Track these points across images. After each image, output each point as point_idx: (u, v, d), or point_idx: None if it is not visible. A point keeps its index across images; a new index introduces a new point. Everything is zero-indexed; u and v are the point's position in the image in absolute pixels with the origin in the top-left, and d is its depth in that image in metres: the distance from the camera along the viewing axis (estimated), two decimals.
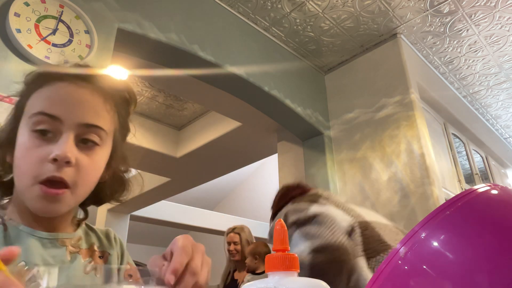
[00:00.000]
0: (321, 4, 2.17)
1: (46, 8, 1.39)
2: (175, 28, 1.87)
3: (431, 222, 0.30)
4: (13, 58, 1.27)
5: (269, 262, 0.37)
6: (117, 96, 0.59)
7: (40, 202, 0.50)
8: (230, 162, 3.86)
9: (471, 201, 0.31)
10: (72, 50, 1.40)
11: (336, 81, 2.72)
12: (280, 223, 0.39)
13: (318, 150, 2.52)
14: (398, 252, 0.30)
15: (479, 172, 3.04)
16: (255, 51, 2.31)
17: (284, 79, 2.43)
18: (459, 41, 2.51)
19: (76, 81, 0.54)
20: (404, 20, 2.32)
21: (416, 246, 0.29)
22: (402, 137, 2.18)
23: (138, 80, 3.11)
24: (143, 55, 1.89)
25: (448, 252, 0.28)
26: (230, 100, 2.46)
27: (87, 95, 0.54)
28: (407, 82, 2.28)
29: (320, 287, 0.36)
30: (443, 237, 0.29)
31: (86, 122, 0.53)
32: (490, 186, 0.33)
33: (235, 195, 8.93)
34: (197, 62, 1.98)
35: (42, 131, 0.51)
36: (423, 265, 0.29)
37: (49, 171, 0.49)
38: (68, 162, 0.50)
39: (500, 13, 2.27)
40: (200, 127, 3.63)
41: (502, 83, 3.00)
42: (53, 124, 0.51)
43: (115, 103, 0.58)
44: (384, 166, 2.20)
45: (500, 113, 3.46)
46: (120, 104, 0.60)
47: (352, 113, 2.50)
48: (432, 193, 1.95)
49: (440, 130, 2.66)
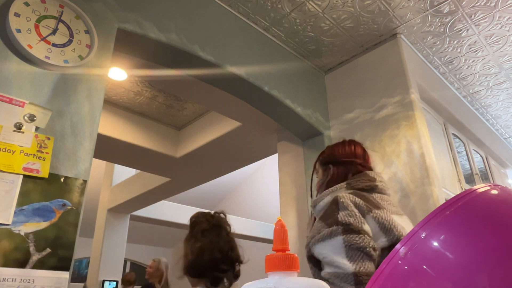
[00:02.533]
0: (321, 4, 2.17)
1: (46, 8, 1.39)
2: (175, 28, 1.87)
3: (431, 222, 0.30)
4: (13, 58, 1.27)
5: (269, 262, 0.37)
6: None
7: None
8: (230, 162, 3.86)
9: (471, 201, 0.31)
10: (72, 50, 1.40)
11: (336, 81, 2.72)
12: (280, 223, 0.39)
13: (318, 150, 2.50)
14: (398, 252, 0.30)
15: (479, 172, 3.04)
16: (255, 51, 2.31)
17: (284, 79, 2.43)
18: (459, 41, 2.51)
19: None
20: (404, 20, 2.31)
21: (416, 246, 0.29)
22: (402, 137, 2.18)
23: (138, 80, 3.11)
24: (143, 55, 1.89)
25: (448, 252, 0.28)
26: (230, 100, 2.46)
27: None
28: (407, 82, 2.28)
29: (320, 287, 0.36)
30: (443, 237, 0.29)
31: None
32: (490, 186, 0.33)
33: (235, 195, 8.93)
34: (197, 62, 1.98)
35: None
36: (423, 265, 0.29)
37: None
38: None
39: (500, 13, 2.27)
40: (200, 127, 3.63)
41: (502, 83, 3.00)
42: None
43: None
44: (384, 166, 2.20)
45: (500, 113, 3.46)
46: None
47: (352, 113, 2.50)
48: (432, 193, 1.95)
49: (440, 130, 2.66)
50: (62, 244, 1.18)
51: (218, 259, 1.19)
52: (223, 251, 1.21)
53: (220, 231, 1.25)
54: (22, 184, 1.15)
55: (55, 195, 1.21)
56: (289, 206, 2.60)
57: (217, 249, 1.20)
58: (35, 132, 1.23)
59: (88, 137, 1.37)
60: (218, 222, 1.28)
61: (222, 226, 1.28)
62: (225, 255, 1.21)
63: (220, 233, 1.25)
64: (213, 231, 1.24)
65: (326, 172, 1.25)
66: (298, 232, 2.47)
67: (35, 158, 1.20)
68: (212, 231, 1.24)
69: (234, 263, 1.22)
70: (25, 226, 1.13)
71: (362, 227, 0.98)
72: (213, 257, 1.18)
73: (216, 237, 1.23)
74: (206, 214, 1.32)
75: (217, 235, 1.23)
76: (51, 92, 1.32)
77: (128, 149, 3.62)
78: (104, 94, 1.48)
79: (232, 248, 1.24)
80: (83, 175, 1.31)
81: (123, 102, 3.46)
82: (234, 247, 1.25)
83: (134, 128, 3.58)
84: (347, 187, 1.12)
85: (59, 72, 1.36)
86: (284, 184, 2.71)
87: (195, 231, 1.26)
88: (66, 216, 1.22)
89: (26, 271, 1.09)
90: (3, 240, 1.08)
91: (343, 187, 1.13)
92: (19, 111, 1.21)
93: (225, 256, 1.20)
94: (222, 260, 1.19)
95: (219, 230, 1.26)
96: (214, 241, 1.21)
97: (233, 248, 1.24)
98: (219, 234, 1.24)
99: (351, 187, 1.12)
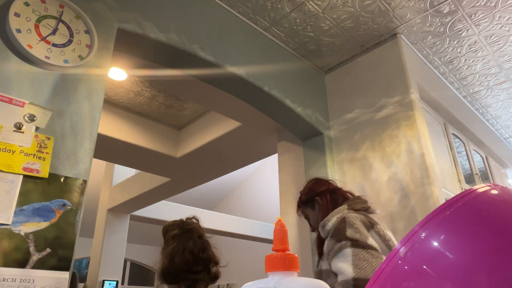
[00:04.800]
0: (321, 4, 2.17)
1: (46, 8, 1.39)
2: (175, 28, 1.87)
3: (431, 222, 0.30)
4: (13, 58, 1.27)
5: (269, 262, 0.37)
6: None
7: None
8: (230, 162, 3.86)
9: (471, 201, 0.31)
10: (72, 50, 1.40)
11: (336, 81, 2.72)
12: (280, 223, 0.39)
13: (318, 150, 2.52)
14: (398, 252, 0.30)
15: (479, 172, 3.04)
16: (255, 51, 2.31)
17: (284, 79, 2.43)
18: (459, 41, 2.51)
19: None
20: (404, 20, 2.32)
21: (416, 246, 0.29)
22: (402, 137, 2.18)
23: (138, 80, 3.11)
24: (143, 55, 1.89)
25: (448, 252, 0.28)
26: (230, 100, 2.46)
27: None
28: (407, 82, 2.28)
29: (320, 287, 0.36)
30: (443, 237, 0.29)
31: None
32: (490, 186, 0.33)
33: (235, 195, 8.93)
34: (197, 62, 1.98)
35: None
36: (423, 265, 0.29)
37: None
38: None
39: (500, 13, 2.27)
40: (200, 127, 3.63)
41: (502, 83, 3.00)
42: None
43: None
44: (384, 166, 2.20)
45: (500, 113, 3.46)
46: None
47: (352, 113, 2.50)
48: (432, 193, 1.95)
49: (440, 130, 2.66)
50: (62, 244, 1.18)
51: (189, 261, 1.20)
52: (194, 252, 1.22)
53: (192, 235, 1.26)
54: (22, 184, 1.15)
55: (55, 195, 1.21)
56: (289, 206, 2.60)
57: (188, 251, 1.21)
58: (35, 132, 1.23)
59: (88, 137, 1.37)
60: (189, 227, 1.30)
61: (193, 230, 1.29)
62: (196, 256, 1.21)
63: (191, 236, 1.26)
64: (184, 235, 1.26)
65: (317, 205, 1.39)
66: (298, 232, 2.47)
67: (35, 158, 1.20)
68: (183, 236, 1.26)
69: (207, 264, 1.23)
70: (25, 226, 1.13)
71: (367, 241, 1.12)
72: (184, 260, 1.19)
73: (187, 240, 1.24)
74: (178, 221, 1.34)
75: (188, 239, 1.25)
76: (51, 92, 1.32)
77: (128, 149, 3.62)
78: (104, 94, 1.48)
79: (203, 249, 1.24)
80: (83, 175, 1.31)
81: (123, 102, 3.46)
82: (206, 248, 1.25)
83: (134, 128, 3.58)
84: (348, 208, 1.28)
85: (59, 72, 1.36)
86: (284, 184, 2.71)
87: (166, 238, 1.28)
88: (66, 216, 1.22)
89: (26, 271, 1.09)
90: (3, 240, 1.08)
91: (345, 208, 1.28)
92: (19, 111, 1.22)
93: (196, 257, 1.21)
94: (194, 262, 1.20)
95: (190, 234, 1.27)
96: (184, 244, 1.23)
97: (204, 249, 1.24)
98: (191, 238, 1.25)
99: (352, 208, 1.28)
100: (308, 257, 2.29)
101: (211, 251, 1.26)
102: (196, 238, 1.26)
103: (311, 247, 2.29)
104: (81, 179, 1.30)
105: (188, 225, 1.31)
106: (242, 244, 8.07)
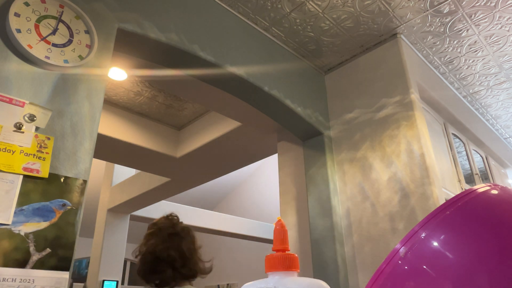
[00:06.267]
0: (321, 4, 2.17)
1: (46, 8, 1.39)
2: (175, 28, 1.87)
3: (431, 222, 0.30)
4: (13, 58, 1.27)
5: (269, 262, 0.37)
6: None
7: None
8: (230, 162, 3.86)
9: (471, 201, 0.31)
10: (72, 50, 1.40)
11: (336, 81, 2.72)
12: (280, 223, 0.39)
13: (318, 150, 2.52)
14: (398, 252, 0.30)
15: (479, 172, 3.04)
16: (255, 51, 2.31)
17: (284, 79, 2.43)
18: (459, 41, 2.51)
19: None
20: (404, 20, 2.32)
21: (416, 246, 0.29)
22: (402, 137, 2.18)
23: (138, 80, 3.11)
24: (143, 55, 1.89)
25: (448, 252, 0.28)
26: (230, 100, 2.46)
27: None
28: (407, 82, 2.28)
29: (320, 287, 0.36)
30: (443, 237, 0.29)
31: None
32: (490, 186, 0.33)
33: (235, 195, 8.93)
34: (197, 62, 1.98)
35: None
36: (423, 265, 0.29)
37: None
38: None
39: (500, 13, 2.27)
40: (200, 127, 3.63)
41: (502, 83, 3.00)
42: None
43: None
44: (384, 166, 2.20)
45: (500, 113, 3.46)
46: None
47: (352, 113, 2.50)
48: (432, 193, 1.95)
49: (440, 130, 2.66)
50: (62, 244, 1.18)
51: (150, 261, 1.23)
52: (155, 253, 1.24)
53: (161, 233, 1.28)
54: (22, 184, 1.15)
55: (55, 195, 1.21)
56: (289, 206, 2.60)
57: (149, 252, 1.24)
58: (35, 132, 1.23)
59: (88, 137, 1.37)
60: (158, 226, 1.32)
61: (162, 229, 1.30)
62: (157, 257, 1.23)
63: (159, 235, 1.28)
64: (153, 235, 1.29)
65: None
66: (298, 232, 2.47)
67: (35, 158, 1.20)
68: (151, 236, 1.29)
69: (172, 263, 1.23)
70: (25, 226, 1.13)
71: None
72: (144, 261, 1.23)
73: (152, 240, 1.27)
74: (158, 219, 1.36)
75: (155, 238, 1.27)
76: (51, 92, 1.32)
77: (128, 149, 3.62)
78: (104, 94, 1.48)
79: (167, 248, 1.24)
80: (83, 175, 1.31)
81: (123, 102, 3.46)
82: (170, 247, 1.25)
83: (134, 128, 3.58)
84: None
85: (59, 72, 1.36)
86: (284, 184, 2.71)
87: (143, 239, 1.31)
88: (66, 216, 1.22)
89: (26, 271, 1.09)
90: (3, 240, 1.08)
91: None
92: (19, 111, 1.21)
93: (157, 258, 1.23)
94: (155, 262, 1.22)
95: (159, 233, 1.29)
96: (147, 245, 1.26)
97: (168, 248, 1.24)
98: (157, 237, 1.27)
99: None
100: (308, 257, 2.29)
101: (177, 250, 1.25)
102: (165, 236, 1.27)
103: (312, 247, 2.29)
104: (81, 179, 1.30)
105: (156, 224, 1.33)
106: (242, 244, 8.07)
